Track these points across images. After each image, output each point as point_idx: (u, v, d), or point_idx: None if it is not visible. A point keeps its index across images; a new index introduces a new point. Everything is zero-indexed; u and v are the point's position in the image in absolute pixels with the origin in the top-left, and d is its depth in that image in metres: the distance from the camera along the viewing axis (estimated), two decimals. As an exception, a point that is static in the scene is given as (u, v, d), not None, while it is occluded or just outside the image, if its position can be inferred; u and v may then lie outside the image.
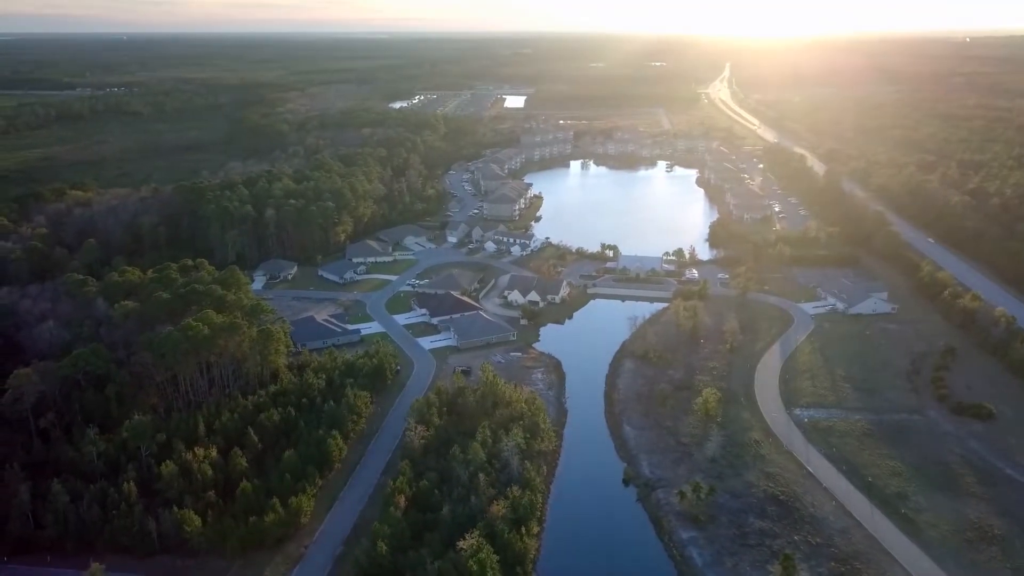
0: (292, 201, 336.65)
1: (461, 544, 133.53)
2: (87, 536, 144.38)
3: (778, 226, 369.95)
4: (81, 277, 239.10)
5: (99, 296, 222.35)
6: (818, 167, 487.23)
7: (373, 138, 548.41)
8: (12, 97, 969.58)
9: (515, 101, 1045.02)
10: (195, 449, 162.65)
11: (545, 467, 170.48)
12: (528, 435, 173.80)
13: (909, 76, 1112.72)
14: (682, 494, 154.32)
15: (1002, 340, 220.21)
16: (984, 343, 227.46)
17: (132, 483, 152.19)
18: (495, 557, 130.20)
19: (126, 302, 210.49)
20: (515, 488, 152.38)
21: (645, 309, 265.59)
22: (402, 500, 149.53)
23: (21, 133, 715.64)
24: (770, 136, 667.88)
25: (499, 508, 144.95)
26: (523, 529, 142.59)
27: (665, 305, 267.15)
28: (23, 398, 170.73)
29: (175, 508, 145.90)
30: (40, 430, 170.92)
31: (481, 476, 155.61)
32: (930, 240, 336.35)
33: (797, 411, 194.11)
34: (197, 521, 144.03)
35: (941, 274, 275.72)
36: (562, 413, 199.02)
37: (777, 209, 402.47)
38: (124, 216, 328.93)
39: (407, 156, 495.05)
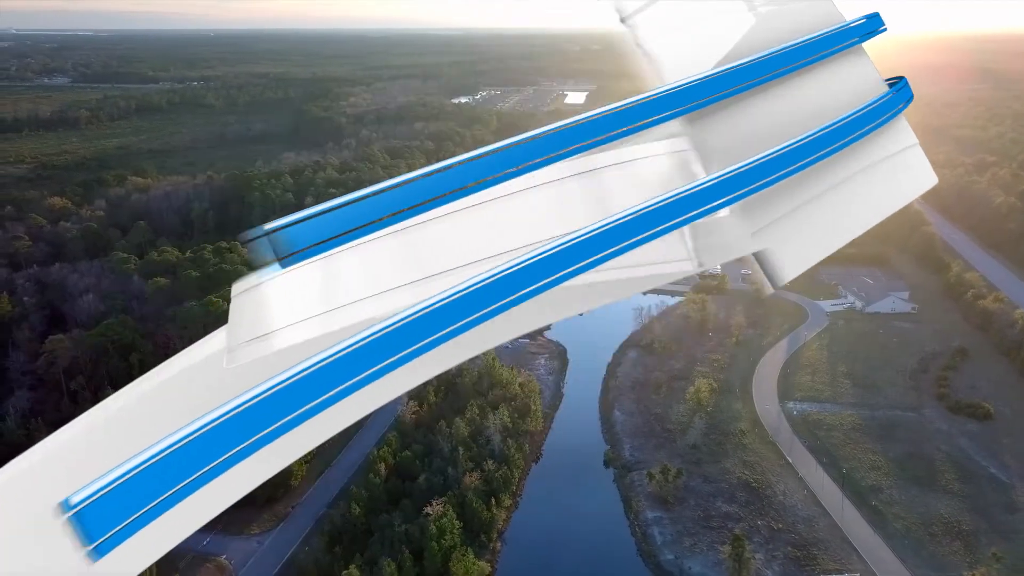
0: (332, 190, 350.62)
1: (428, 509, 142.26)
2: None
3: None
4: (125, 256, 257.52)
5: (136, 273, 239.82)
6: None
7: (424, 132, 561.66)
8: (99, 90, 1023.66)
9: (576, 97, 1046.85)
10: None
11: (529, 446, 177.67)
12: (516, 415, 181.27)
13: (1011, 75, 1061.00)
14: (651, 475, 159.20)
15: (1017, 341, 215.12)
16: (1000, 345, 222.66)
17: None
18: (458, 523, 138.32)
19: (158, 279, 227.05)
20: (491, 462, 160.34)
21: (663, 301, 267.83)
22: (383, 468, 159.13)
23: (103, 124, 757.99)
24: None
25: (472, 480, 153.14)
26: (494, 500, 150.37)
27: (682, 299, 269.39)
28: (57, 362, 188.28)
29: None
30: (71, 392, 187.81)
31: (461, 450, 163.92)
32: (971, 242, 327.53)
33: (790, 404, 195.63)
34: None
35: (969, 275, 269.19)
36: (558, 397, 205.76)
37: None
38: (177, 202, 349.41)
39: (454, 150, 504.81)
